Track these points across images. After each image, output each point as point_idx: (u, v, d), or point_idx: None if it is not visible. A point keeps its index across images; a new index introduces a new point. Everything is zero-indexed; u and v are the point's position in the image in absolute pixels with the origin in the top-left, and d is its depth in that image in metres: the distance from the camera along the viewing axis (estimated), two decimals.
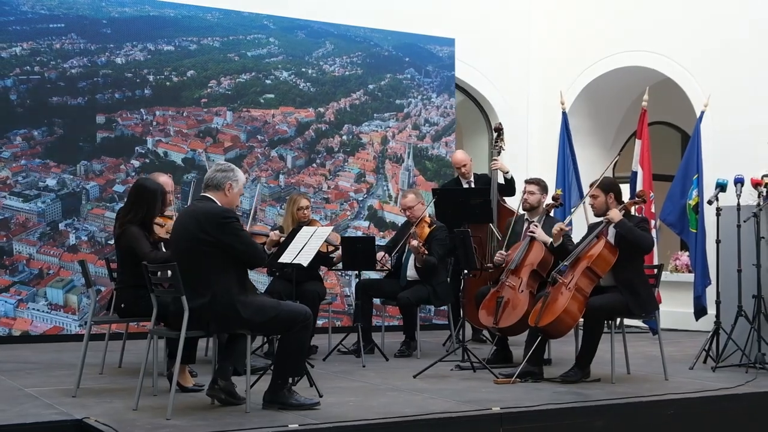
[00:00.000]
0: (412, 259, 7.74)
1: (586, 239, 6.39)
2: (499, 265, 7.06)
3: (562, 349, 7.40)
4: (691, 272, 9.12)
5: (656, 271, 6.73)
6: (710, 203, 7.21)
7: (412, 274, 7.78)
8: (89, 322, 5.85)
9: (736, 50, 9.54)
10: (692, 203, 8.40)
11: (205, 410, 5.12)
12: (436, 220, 7.80)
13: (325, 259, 7.59)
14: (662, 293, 7.88)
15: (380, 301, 8.11)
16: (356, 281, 7.73)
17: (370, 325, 7.73)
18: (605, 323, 6.34)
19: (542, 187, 7.29)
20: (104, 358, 6.46)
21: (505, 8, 11.41)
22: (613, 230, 6.32)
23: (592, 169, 10.54)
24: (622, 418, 5.44)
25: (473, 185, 8.51)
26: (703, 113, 8.80)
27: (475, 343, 8.33)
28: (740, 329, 6.93)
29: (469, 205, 7.33)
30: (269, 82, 9.57)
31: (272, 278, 7.63)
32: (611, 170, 11.06)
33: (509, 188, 8.51)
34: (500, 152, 8.52)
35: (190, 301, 4.92)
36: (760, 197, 7.04)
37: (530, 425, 5.10)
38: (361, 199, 9.91)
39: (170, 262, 5.42)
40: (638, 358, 7.33)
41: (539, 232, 6.94)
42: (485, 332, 8.43)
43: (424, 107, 10.36)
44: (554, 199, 7.29)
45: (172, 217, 6.46)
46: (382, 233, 9.72)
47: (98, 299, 6.66)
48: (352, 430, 4.72)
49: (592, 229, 6.51)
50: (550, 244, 6.77)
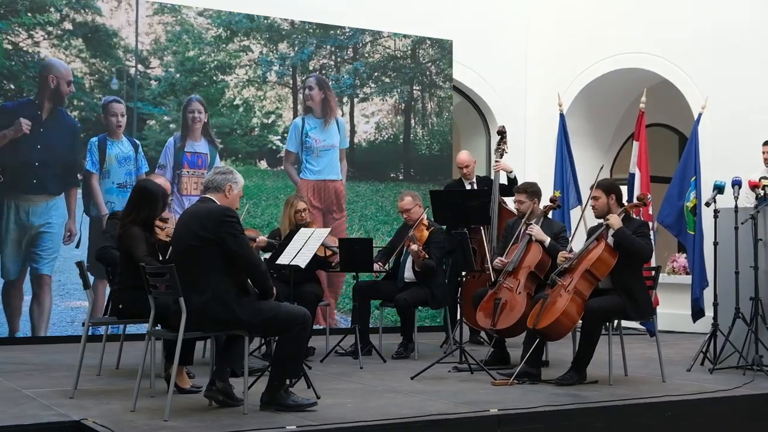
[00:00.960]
0: (409, 260, 7.74)
1: (586, 242, 6.39)
2: (498, 270, 7.05)
3: (559, 351, 7.41)
4: (688, 274, 9.14)
5: (654, 273, 6.73)
6: (708, 205, 7.22)
7: (409, 275, 7.77)
8: (87, 323, 5.85)
9: (733, 52, 9.55)
10: (690, 205, 8.42)
11: (202, 411, 5.12)
12: (434, 222, 7.80)
13: (322, 262, 7.59)
14: (660, 295, 7.89)
15: (378, 303, 8.11)
16: (354, 283, 7.74)
17: (367, 326, 7.73)
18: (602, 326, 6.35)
19: (530, 193, 7.24)
20: (102, 359, 6.45)
21: (503, 10, 11.41)
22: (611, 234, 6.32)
23: (589, 170, 10.52)
24: (619, 419, 5.44)
25: (475, 187, 8.51)
26: (700, 115, 8.82)
27: (472, 344, 8.33)
28: (738, 331, 6.93)
29: (466, 207, 7.34)
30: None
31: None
32: (608, 173, 11.17)
33: (512, 188, 8.48)
34: (503, 155, 8.51)
35: (189, 299, 4.93)
36: (757, 199, 7.06)
37: (528, 427, 5.10)
38: None
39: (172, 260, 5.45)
40: (636, 359, 7.33)
41: (537, 230, 6.93)
42: (482, 334, 8.43)
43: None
44: (552, 201, 7.29)
45: (167, 219, 6.48)
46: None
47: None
48: (349, 431, 4.72)
49: (591, 233, 6.51)
50: (548, 244, 6.79)
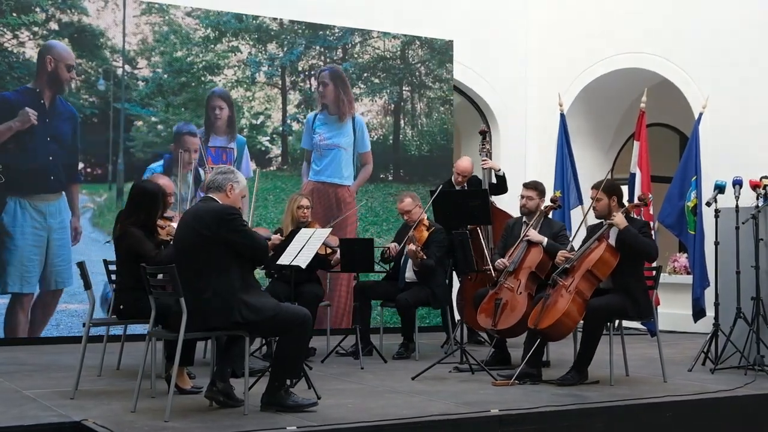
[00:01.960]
0: (410, 261, 7.74)
1: (587, 242, 6.39)
2: (499, 270, 7.05)
3: (560, 351, 7.40)
4: (689, 274, 9.13)
5: (655, 273, 6.73)
6: (709, 205, 7.21)
7: (410, 275, 7.77)
8: (87, 323, 5.84)
9: (734, 52, 9.55)
10: (691, 205, 8.41)
11: (203, 412, 5.12)
12: (434, 222, 7.79)
13: (323, 261, 7.58)
14: (661, 295, 7.89)
15: (379, 303, 8.10)
16: (354, 283, 7.73)
17: (368, 327, 7.73)
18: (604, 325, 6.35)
19: (540, 191, 7.26)
20: (102, 360, 6.45)
21: (503, 10, 11.40)
22: (614, 233, 6.31)
23: (590, 170, 10.55)
24: (620, 420, 5.44)
25: (466, 187, 8.48)
26: (701, 115, 8.81)
27: (472, 344, 8.32)
28: (739, 331, 6.93)
29: (467, 206, 7.33)
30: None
31: (271, 280, 7.63)
32: (610, 175, 11.16)
33: (502, 185, 8.46)
34: (488, 155, 8.50)
35: (191, 298, 4.93)
36: (758, 199, 7.05)
37: (529, 427, 5.09)
38: None
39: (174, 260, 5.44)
40: (637, 360, 7.32)
41: (533, 233, 6.95)
42: (482, 334, 8.42)
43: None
44: (552, 201, 7.29)
45: (171, 218, 6.47)
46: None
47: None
48: (350, 431, 4.72)
49: (591, 231, 6.51)
50: (546, 244, 6.80)
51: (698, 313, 8.29)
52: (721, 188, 7.15)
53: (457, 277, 7.98)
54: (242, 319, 4.97)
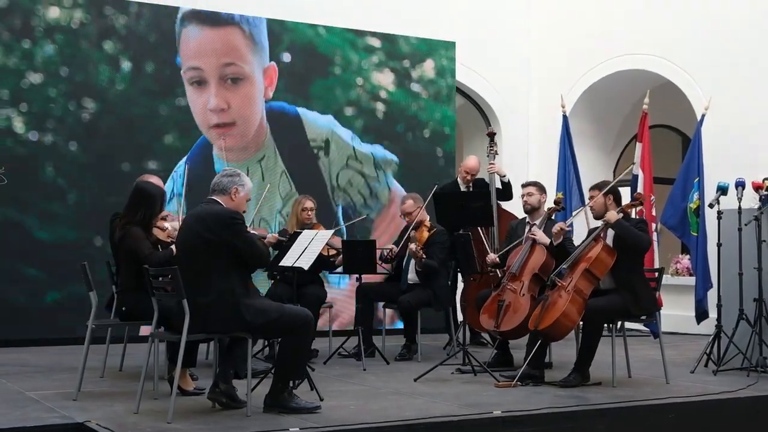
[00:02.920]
0: (413, 262, 7.75)
1: (584, 242, 6.39)
2: (491, 266, 7.07)
3: (563, 352, 7.40)
4: (692, 275, 9.12)
5: (657, 274, 6.73)
6: (711, 206, 7.21)
7: (413, 277, 7.78)
8: (90, 325, 5.85)
9: (736, 53, 9.55)
10: (693, 206, 8.40)
11: (206, 414, 5.12)
12: (436, 223, 7.79)
13: (326, 262, 7.59)
14: (663, 296, 7.87)
15: (381, 304, 8.10)
16: (357, 284, 7.74)
17: (370, 328, 7.73)
18: (606, 326, 6.35)
19: (539, 187, 7.29)
20: (105, 361, 6.45)
21: (505, 11, 11.42)
22: (611, 233, 6.32)
23: (592, 172, 10.55)
24: (623, 421, 5.44)
25: (471, 189, 8.50)
26: (703, 116, 8.79)
27: (474, 346, 8.33)
28: (741, 333, 6.93)
29: (469, 208, 7.33)
30: None
31: (273, 282, 7.63)
32: (611, 175, 11.16)
33: (506, 192, 8.49)
34: (495, 156, 8.50)
35: (193, 300, 4.93)
36: (761, 200, 7.05)
37: (531, 429, 5.09)
38: None
39: (170, 262, 5.44)
40: (639, 361, 7.32)
41: (540, 234, 6.93)
42: (485, 335, 8.43)
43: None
44: (556, 203, 7.28)
45: (166, 217, 6.48)
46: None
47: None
48: None
49: (591, 232, 6.51)
50: (550, 244, 6.79)
51: (701, 314, 8.27)
52: (723, 190, 7.15)
53: (462, 278, 7.98)
54: (247, 321, 4.97)
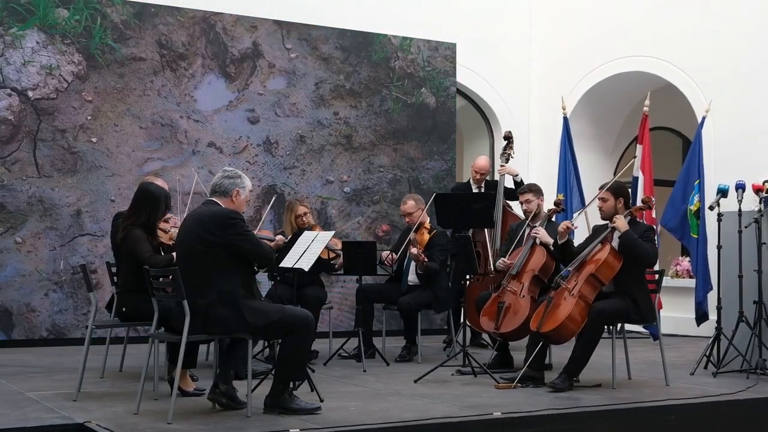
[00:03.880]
0: (413, 264, 7.75)
1: (590, 243, 6.37)
2: (501, 271, 7.05)
3: (563, 354, 7.36)
4: (692, 278, 9.12)
5: (657, 276, 6.73)
6: (711, 209, 7.21)
7: (413, 278, 7.78)
8: (90, 326, 5.85)
9: (737, 56, 9.55)
10: (693, 209, 8.40)
11: (206, 414, 5.13)
12: (436, 225, 7.79)
13: (326, 265, 7.59)
14: (663, 299, 7.88)
15: (382, 306, 8.10)
16: (357, 286, 7.74)
17: (370, 329, 7.73)
18: (606, 328, 6.33)
19: (535, 192, 7.27)
20: (105, 362, 6.46)
21: (506, 13, 11.42)
22: (617, 236, 6.29)
23: (593, 173, 10.56)
24: (623, 423, 5.44)
25: (482, 190, 8.52)
26: (704, 119, 8.80)
27: (474, 347, 8.33)
28: (741, 335, 6.93)
29: (470, 209, 7.33)
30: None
31: (273, 283, 7.63)
32: (611, 176, 11.14)
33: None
34: (508, 159, 8.50)
35: (194, 301, 4.93)
36: (761, 203, 7.05)
37: (531, 430, 5.09)
38: None
39: (170, 266, 5.44)
40: (639, 363, 7.32)
41: (542, 233, 6.90)
42: (485, 337, 8.43)
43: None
44: (556, 204, 7.28)
45: (169, 219, 6.48)
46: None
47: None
48: None
49: (596, 232, 6.49)
50: (554, 243, 6.77)
51: (701, 316, 8.28)
52: (723, 192, 7.15)
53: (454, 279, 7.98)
54: (248, 322, 4.97)
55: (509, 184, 8.48)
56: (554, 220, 7.33)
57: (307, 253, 6.49)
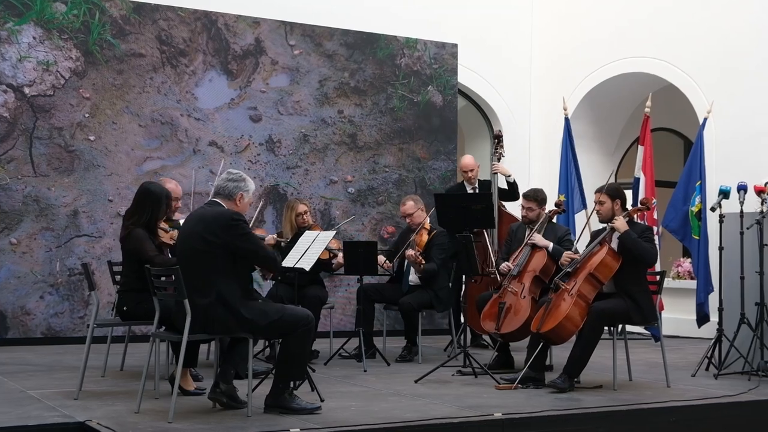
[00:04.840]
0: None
1: (589, 246, 6.38)
2: (504, 274, 7.04)
3: (563, 355, 7.35)
4: (693, 279, 9.12)
5: (658, 277, 6.72)
6: (713, 210, 7.21)
7: (414, 278, 7.78)
8: (92, 324, 5.85)
9: (739, 57, 9.55)
10: (695, 210, 8.40)
11: (206, 414, 5.12)
12: (436, 225, 7.79)
13: (325, 265, 7.58)
14: (664, 300, 7.88)
15: (382, 306, 8.10)
16: (358, 285, 7.73)
17: (371, 329, 7.73)
18: (607, 329, 6.33)
19: (539, 201, 7.19)
20: (106, 360, 6.46)
21: (508, 14, 11.43)
22: (616, 237, 6.30)
23: (594, 174, 10.56)
24: (623, 424, 5.43)
25: (477, 191, 8.51)
26: (706, 120, 8.80)
27: (475, 348, 8.33)
28: (743, 336, 6.93)
29: (471, 210, 7.33)
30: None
31: (274, 283, 7.63)
32: (613, 177, 11.16)
33: (512, 192, 8.49)
34: (500, 159, 8.51)
35: (194, 301, 4.93)
36: (763, 204, 7.05)
37: (532, 431, 5.09)
38: None
39: (174, 266, 5.43)
40: (640, 364, 7.31)
41: (538, 238, 6.94)
42: (485, 337, 8.42)
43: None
44: (557, 205, 7.28)
45: (177, 221, 6.46)
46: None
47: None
48: None
49: (595, 235, 6.50)
50: (551, 249, 6.79)
51: (702, 318, 8.28)
52: (725, 193, 7.15)
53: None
54: (248, 321, 4.97)
55: (502, 184, 8.48)
56: (555, 221, 7.33)
57: (308, 252, 6.48)
